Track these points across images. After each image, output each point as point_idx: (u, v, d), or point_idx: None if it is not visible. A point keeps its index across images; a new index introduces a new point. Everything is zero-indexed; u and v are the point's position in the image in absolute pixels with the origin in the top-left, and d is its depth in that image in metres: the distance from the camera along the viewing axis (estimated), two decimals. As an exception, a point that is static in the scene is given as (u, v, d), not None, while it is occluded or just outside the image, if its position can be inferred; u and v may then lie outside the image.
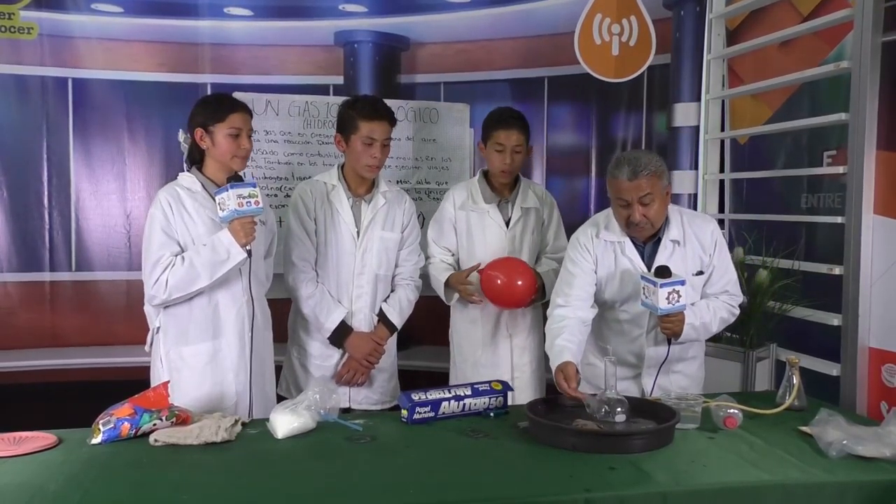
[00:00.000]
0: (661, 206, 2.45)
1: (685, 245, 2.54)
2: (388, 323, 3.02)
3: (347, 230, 2.95)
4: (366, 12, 4.14)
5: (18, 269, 3.88)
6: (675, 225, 2.55)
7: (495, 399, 2.31)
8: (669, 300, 2.33)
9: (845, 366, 2.81)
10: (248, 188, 2.44)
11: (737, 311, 2.60)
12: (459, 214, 3.11)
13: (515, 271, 2.97)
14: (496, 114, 3.10)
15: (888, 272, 2.71)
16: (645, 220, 2.44)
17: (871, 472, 1.86)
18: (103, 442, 1.98)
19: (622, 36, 3.86)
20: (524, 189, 3.15)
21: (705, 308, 2.53)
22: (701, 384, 2.72)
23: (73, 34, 3.88)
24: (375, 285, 3.00)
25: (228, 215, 2.44)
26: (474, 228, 3.09)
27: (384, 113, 2.89)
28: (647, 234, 2.52)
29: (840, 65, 2.88)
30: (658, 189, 2.42)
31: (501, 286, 2.95)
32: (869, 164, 2.73)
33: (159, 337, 2.59)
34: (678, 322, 2.42)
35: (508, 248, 3.08)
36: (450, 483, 1.78)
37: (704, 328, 2.52)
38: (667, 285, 2.32)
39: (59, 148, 3.89)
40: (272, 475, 1.81)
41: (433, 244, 3.15)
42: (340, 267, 2.97)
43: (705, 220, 2.66)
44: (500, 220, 3.10)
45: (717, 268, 2.56)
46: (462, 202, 3.11)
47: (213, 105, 2.58)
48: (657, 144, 3.89)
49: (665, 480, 1.77)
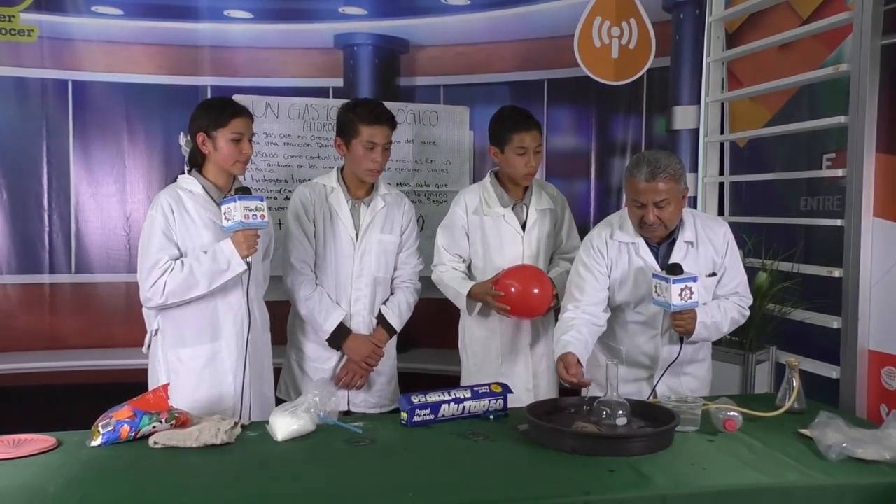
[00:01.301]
0: (676, 208, 2.46)
1: (698, 247, 2.55)
2: (387, 326, 3.02)
3: (346, 233, 2.95)
4: (365, 15, 4.14)
5: (18, 271, 3.87)
6: (689, 227, 2.56)
7: (495, 402, 2.30)
8: (682, 296, 2.34)
9: (845, 368, 2.81)
10: (256, 201, 2.46)
11: (747, 313, 2.63)
12: (473, 220, 2.99)
13: (531, 280, 2.88)
14: (509, 115, 2.97)
15: (888, 275, 2.71)
16: (659, 223, 2.45)
17: (870, 474, 1.86)
18: (103, 444, 1.98)
19: (622, 38, 3.87)
20: (538, 190, 3.06)
21: (716, 308, 2.54)
22: (708, 387, 2.73)
23: (73, 37, 3.88)
24: (374, 288, 3.00)
25: (234, 226, 2.45)
26: (489, 234, 2.98)
27: (385, 117, 2.88)
28: (661, 234, 2.53)
29: (839, 67, 2.88)
30: (675, 192, 2.43)
31: (516, 295, 2.84)
32: (868, 167, 2.74)
33: (157, 339, 2.59)
34: (690, 320, 2.43)
35: (526, 252, 2.99)
36: (449, 485, 1.78)
37: (716, 327, 2.53)
38: (679, 281, 2.34)
39: (58, 150, 3.89)
40: (272, 478, 1.81)
41: (444, 251, 3.02)
42: (339, 269, 2.96)
43: (718, 222, 2.67)
44: (517, 224, 2.99)
45: (729, 270, 2.58)
46: (475, 207, 2.99)
47: (216, 110, 2.58)
48: (657, 147, 3.89)
49: (664, 483, 1.77)
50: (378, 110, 2.88)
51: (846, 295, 2.80)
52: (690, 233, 2.55)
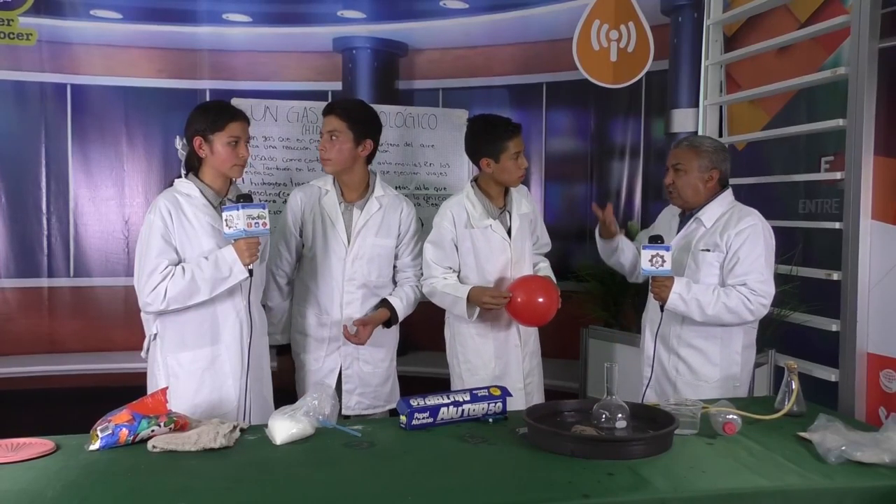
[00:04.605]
0: (690, 181, 2.69)
1: (708, 226, 2.69)
2: (389, 307, 2.96)
3: (338, 237, 2.93)
4: (364, 18, 4.15)
5: (16, 274, 3.87)
6: (713, 207, 2.70)
7: (494, 405, 2.30)
8: (653, 263, 2.55)
9: (844, 371, 2.81)
10: (258, 209, 2.46)
11: (753, 308, 2.58)
12: (462, 233, 2.95)
13: (538, 289, 2.93)
14: (497, 125, 2.94)
15: (886, 277, 2.72)
16: (671, 186, 2.73)
17: (869, 477, 1.86)
18: (101, 448, 1.98)
19: (620, 42, 3.87)
20: (516, 195, 3.05)
21: (707, 289, 2.61)
22: (724, 377, 2.68)
23: (71, 40, 3.88)
24: (366, 293, 2.97)
25: (236, 234, 2.45)
26: (479, 244, 2.96)
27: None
28: (677, 202, 2.78)
29: (837, 71, 2.89)
30: (692, 164, 2.68)
31: (524, 305, 2.90)
32: (866, 170, 2.74)
33: (156, 343, 2.59)
34: (664, 287, 2.60)
35: (513, 257, 2.98)
36: (448, 489, 1.78)
37: (697, 305, 2.59)
38: (649, 248, 2.56)
39: (57, 154, 3.89)
40: (271, 481, 1.80)
41: (434, 265, 2.97)
42: (331, 274, 2.94)
43: (750, 215, 2.68)
44: (503, 232, 2.98)
45: (742, 260, 2.61)
46: (464, 221, 2.95)
47: (213, 113, 2.58)
48: (655, 150, 3.90)
49: (664, 486, 1.77)
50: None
51: (845, 298, 2.80)
52: (710, 214, 2.70)
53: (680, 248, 2.71)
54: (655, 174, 3.88)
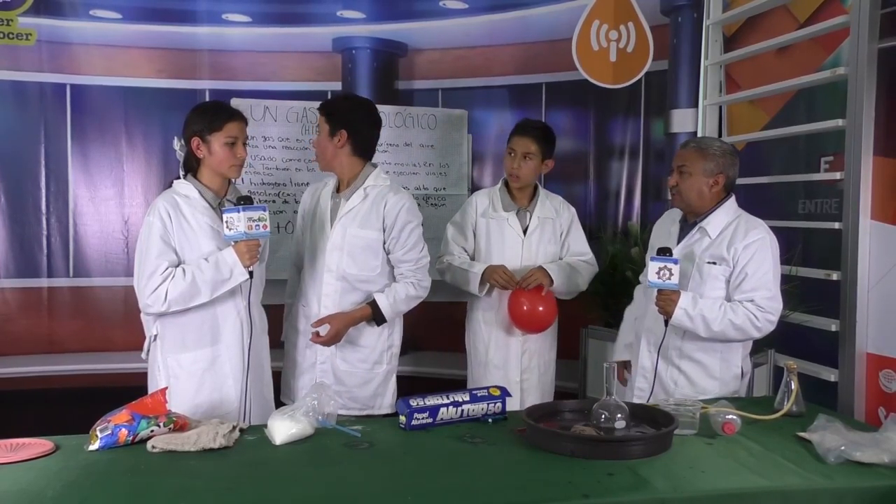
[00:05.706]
0: (695, 184, 2.58)
1: (714, 237, 2.59)
2: (373, 305, 2.84)
3: (323, 227, 2.89)
4: (364, 19, 4.15)
5: (16, 274, 3.87)
6: (718, 216, 2.60)
7: (493, 405, 2.30)
8: (660, 275, 2.47)
9: (843, 371, 2.81)
10: (259, 212, 2.46)
11: (760, 325, 2.50)
12: (481, 221, 3.22)
13: (539, 300, 3.07)
14: (519, 123, 3.24)
15: (885, 277, 2.72)
16: (675, 187, 2.63)
17: (869, 477, 1.86)
18: (101, 448, 1.97)
19: (620, 42, 3.87)
20: (542, 199, 3.23)
21: (713, 305, 2.51)
22: (724, 389, 2.63)
23: (71, 40, 3.88)
24: (346, 287, 2.85)
25: (236, 236, 2.45)
26: (493, 235, 3.19)
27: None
28: (679, 205, 2.67)
29: (837, 71, 2.89)
30: (696, 166, 2.58)
31: (521, 309, 3.07)
32: (866, 170, 2.75)
33: (157, 344, 2.59)
34: (669, 301, 2.51)
35: (525, 255, 3.17)
36: (448, 489, 1.77)
37: (703, 321, 2.50)
38: (657, 260, 2.48)
39: (57, 154, 3.89)
40: (270, 482, 1.80)
41: (452, 242, 3.24)
42: (315, 263, 2.90)
43: (757, 227, 2.58)
44: (519, 228, 3.18)
45: (750, 276, 2.51)
46: (484, 209, 3.22)
47: (210, 114, 2.57)
48: (655, 150, 3.90)
49: (663, 486, 1.77)
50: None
51: (844, 298, 2.81)
52: (715, 223, 2.59)
53: (683, 258, 2.59)
54: (655, 174, 3.89)
